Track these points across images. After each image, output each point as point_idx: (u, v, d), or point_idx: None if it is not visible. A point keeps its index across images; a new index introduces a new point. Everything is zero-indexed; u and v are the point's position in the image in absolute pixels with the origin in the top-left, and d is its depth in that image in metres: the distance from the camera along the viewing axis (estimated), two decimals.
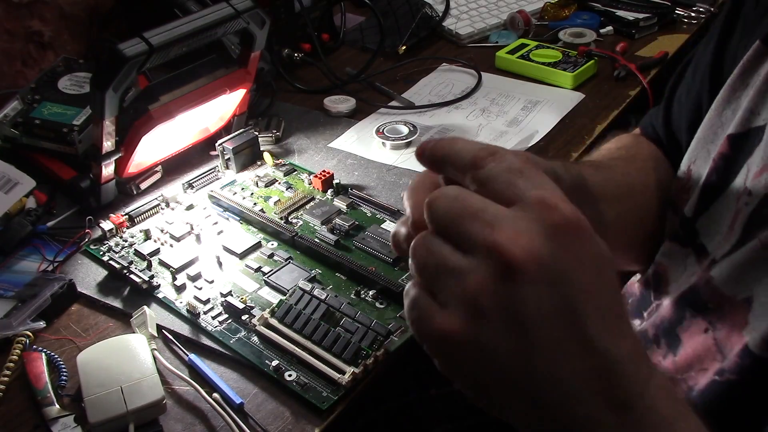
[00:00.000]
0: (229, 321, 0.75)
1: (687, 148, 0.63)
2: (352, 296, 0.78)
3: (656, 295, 0.62)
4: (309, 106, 1.16)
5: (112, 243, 0.87)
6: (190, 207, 0.93)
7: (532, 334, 0.35)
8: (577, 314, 0.35)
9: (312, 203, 0.92)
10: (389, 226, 0.88)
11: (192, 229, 0.88)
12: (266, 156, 1.00)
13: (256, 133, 1.01)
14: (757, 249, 0.49)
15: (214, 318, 0.76)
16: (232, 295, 0.78)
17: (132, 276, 0.81)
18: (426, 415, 0.94)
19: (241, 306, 0.76)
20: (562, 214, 0.35)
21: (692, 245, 0.58)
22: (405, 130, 1.05)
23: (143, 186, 0.96)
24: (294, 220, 0.90)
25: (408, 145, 1.03)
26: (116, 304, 0.79)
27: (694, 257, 0.57)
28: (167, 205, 0.92)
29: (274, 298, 0.78)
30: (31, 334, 0.74)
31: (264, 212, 0.90)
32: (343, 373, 0.68)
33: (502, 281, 0.35)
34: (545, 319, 0.35)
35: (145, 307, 0.76)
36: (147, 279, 0.80)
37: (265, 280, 0.80)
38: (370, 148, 1.04)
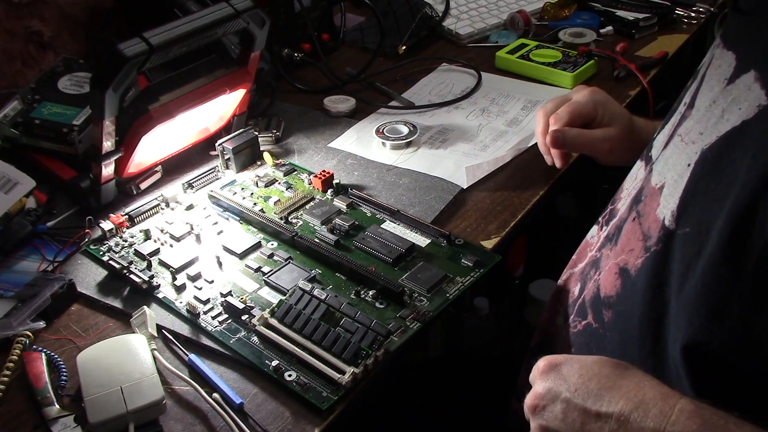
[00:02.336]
0: (229, 321, 0.75)
1: None
2: (352, 296, 0.78)
3: (612, 202, 0.75)
4: (309, 106, 1.16)
5: (112, 243, 0.87)
6: (190, 207, 0.93)
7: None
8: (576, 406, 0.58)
9: (312, 203, 0.93)
10: (389, 226, 0.88)
11: (192, 229, 0.88)
12: (266, 156, 1.00)
13: (256, 133, 1.01)
14: (677, 142, 0.62)
15: (214, 318, 0.76)
16: (232, 295, 0.78)
17: (132, 276, 0.81)
18: (424, 413, 0.94)
19: (241, 306, 0.76)
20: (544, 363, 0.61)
21: (645, 158, 0.69)
22: (405, 130, 1.05)
23: (143, 186, 0.96)
24: (294, 220, 0.90)
25: (408, 145, 1.03)
26: (116, 304, 0.79)
27: (643, 165, 0.70)
28: (167, 205, 0.93)
29: (274, 298, 0.78)
30: (31, 334, 0.74)
31: (264, 212, 0.90)
32: (343, 373, 0.68)
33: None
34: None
35: (145, 307, 0.76)
36: (147, 279, 0.80)
37: (265, 280, 0.80)
38: (370, 148, 1.04)
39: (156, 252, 0.85)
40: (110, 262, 0.83)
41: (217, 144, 0.98)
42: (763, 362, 0.53)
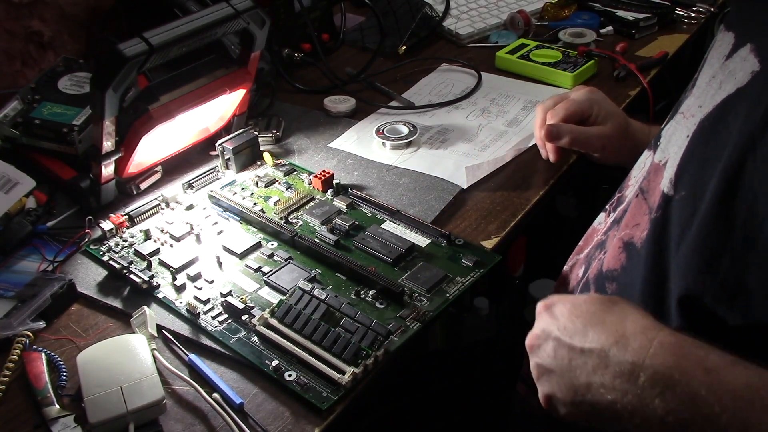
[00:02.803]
0: (229, 321, 0.75)
1: None
2: (352, 296, 0.78)
3: (619, 189, 0.78)
4: (309, 106, 1.16)
5: (112, 243, 0.87)
6: (190, 207, 0.93)
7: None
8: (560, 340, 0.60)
9: (312, 203, 0.93)
10: (389, 226, 0.88)
11: (192, 229, 0.88)
12: (266, 156, 1.00)
13: (256, 133, 1.01)
14: (678, 119, 0.65)
15: (214, 318, 0.76)
16: (232, 295, 0.78)
17: (132, 276, 0.81)
18: (424, 412, 0.94)
19: (241, 306, 0.76)
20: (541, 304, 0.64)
21: (653, 146, 0.71)
22: (405, 130, 1.05)
23: (143, 186, 0.96)
24: (294, 220, 0.90)
25: (408, 145, 1.03)
26: (116, 304, 0.79)
27: (651, 152, 0.71)
28: (167, 205, 0.93)
29: (274, 298, 0.78)
30: (31, 334, 0.74)
31: (264, 212, 0.90)
32: (343, 373, 0.68)
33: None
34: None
35: (145, 307, 0.76)
36: (147, 279, 0.80)
37: (265, 280, 0.80)
38: (370, 148, 1.04)
39: (156, 252, 0.85)
40: (110, 262, 0.83)
41: (217, 144, 0.98)
42: (751, 313, 0.55)
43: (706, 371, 0.52)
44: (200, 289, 0.80)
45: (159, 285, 0.80)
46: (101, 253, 0.85)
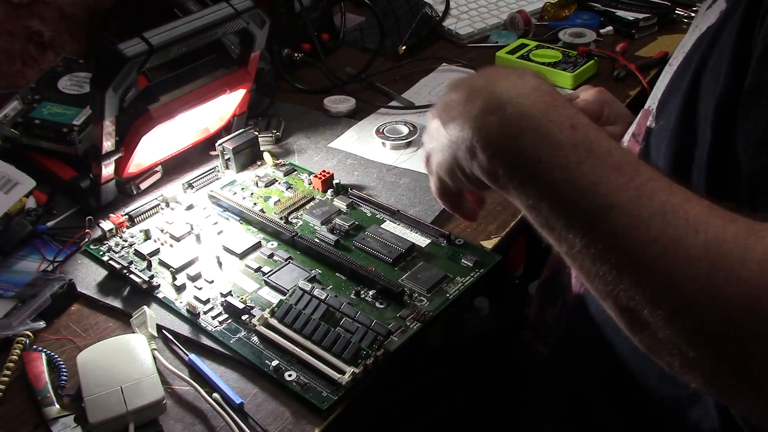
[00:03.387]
0: (229, 321, 0.75)
1: None
2: (352, 296, 0.78)
3: None
4: (309, 106, 1.16)
5: (112, 243, 0.87)
6: (190, 207, 0.93)
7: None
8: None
9: (312, 203, 0.93)
10: (389, 226, 0.88)
11: (192, 229, 0.88)
12: (266, 156, 1.00)
13: (256, 133, 1.01)
14: (666, 69, 0.67)
15: (214, 318, 0.76)
16: (232, 295, 0.78)
17: (132, 276, 0.81)
18: (418, 404, 0.94)
19: (241, 306, 0.76)
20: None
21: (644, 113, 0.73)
22: (405, 130, 1.05)
23: (143, 186, 0.96)
24: (294, 220, 0.90)
25: (408, 145, 1.03)
26: (116, 304, 0.79)
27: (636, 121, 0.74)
28: (167, 205, 0.93)
29: (274, 298, 0.78)
30: (31, 334, 0.74)
31: (264, 212, 0.90)
32: (343, 373, 0.68)
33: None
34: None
35: (145, 307, 0.76)
36: (147, 279, 0.80)
37: (265, 280, 0.80)
38: (370, 148, 1.04)
39: (156, 252, 0.85)
40: (110, 262, 0.83)
41: (217, 144, 0.98)
42: None
43: (572, 126, 0.50)
44: (200, 289, 0.80)
45: (159, 285, 0.80)
46: (101, 253, 0.85)
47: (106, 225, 0.87)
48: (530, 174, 0.49)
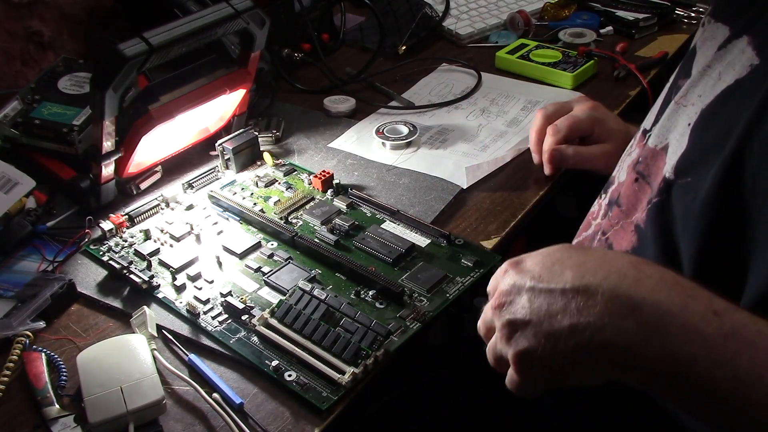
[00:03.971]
0: (229, 321, 0.75)
1: None
2: (352, 296, 0.78)
3: (608, 180, 0.78)
4: (309, 106, 1.16)
5: (111, 243, 0.87)
6: (190, 207, 0.93)
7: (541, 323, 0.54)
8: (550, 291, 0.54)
9: (312, 203, 0.93)
10: (389, 226, 0.88)
11: (192, 229, 0.88)
12: (266, 156, 1.00)
13: (256, 133, 1.01)
14: (673, 108, 0.65)
15: (214, 318, 0.76)
16: (232, 295, 0.78)
17: (132, 276, 0.81)
18: (418, 404, 0.94)
19: (241, 306, 0.76)
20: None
21: (640, 132, 0.73)
22: (405, 130, 1.05)
23: (143, 186, 0.96)
24: (294, 220, 0.90)
25: (408, 145, 1.03)
26: (116, 304, 0.79)
27: (638, 136, 0.73)
28: (167, 205, 0.93)
29: (274, 298, 0.78)
30: (31, 334, 0.74)
31: (264, 212, 0.90)
32: (342, 373, 0.68)
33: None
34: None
35: (145, 307, 0.76)
36: (147, 279, 0.80)
37: (264, 280, 0.80)
38: (370, 148, 1.04)
39: (156, 252, 0.85)
40: (110, 262, 0.83)
41: (217, 144, 0.98)
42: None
43: (714, 313, 0.48)
44: (200, 289, 0.80)
45: (159, 285, 0.80)
46: (101, 253, 0.85)
47: (106, 225, 0.87)
48: (685, 374, 0.48)
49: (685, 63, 0.70)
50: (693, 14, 1.37)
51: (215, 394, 0.68)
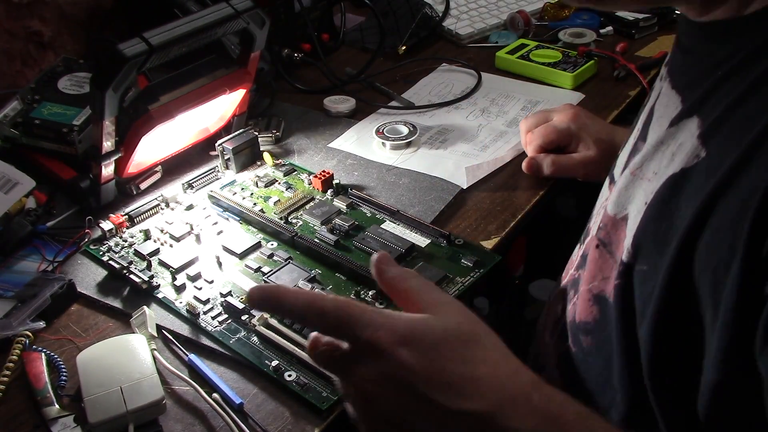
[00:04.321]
0: (229, 321, 0.75)
1: None
2: (352, 296, 0.78)
3: (589, 218, 0.74)
4: (309, 106, 1.16)
5: (111, 243, 0.87)
6: (189, 207, 0.93)
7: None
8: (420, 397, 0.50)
9: (312, 203, 0.93)
10: (389, 226, 0.88)
11: (192, 229, 0.88)
12: (266, 156, 1.00)
13: (256, 133, 1.01)
14: (629, 176, 0.62)
15: (213, 318, 0.76)
16: (232, 295, 0.78)
17: (132, 276, 0.81)
18: None
19: (241, 306, 0.76)
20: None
21: (610, 176, 0.71)
22: (405, 130, 1.05)
23: (143, 186, 0.96)
24: (294, 221, 0.90)
25: (408, 145, 1.03)
26: (116, 304, 0.79)
27: (607, 184, 0.71)
28: (167, 205, 0.93)
29: None
30: (30, 334, 0.74)
31: (264, 212, 0.90)
32: None
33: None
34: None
35: (144, 307, 0.76)
36: (147, 279, 0.80)
37: (264, 281, 0.80)
38: (369, 149, 1.04)
39: (156, 252, 0.85)
40: (110, 262, 0.83)
41: (217, 144, 0.98)
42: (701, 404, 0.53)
43: None
44: (200, 289, 0.80)
45: (159, 285, 0.80)
46: (101, 253, 0.85)
47: (106, 225, 0.87)
48: None
49: (644, 124, 0.65)
50: None
51: (215, 394, 0.68)
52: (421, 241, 0.85)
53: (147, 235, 0.88)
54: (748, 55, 0.52)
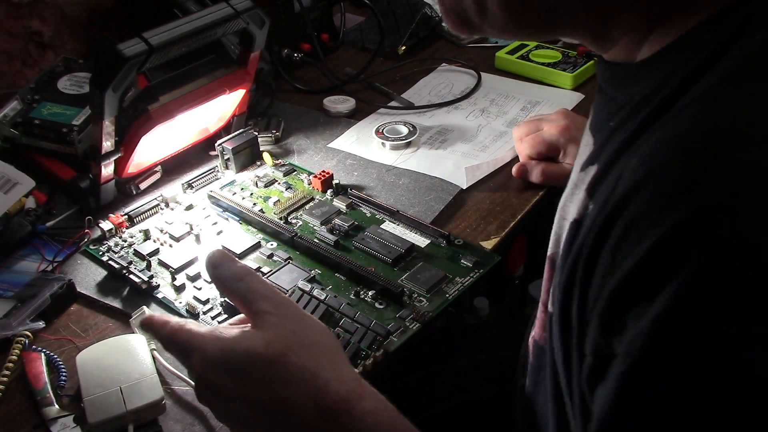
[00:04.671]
0: None
1: None
2: (352, 297, 0.78)
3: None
4: (309, 106, 1.16)
5: (111, 243, 0.87)
6: (189, 207, 0.93)
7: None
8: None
9: (311, 203, 0.93)
10: (389, 226, 0.88)
11: (191, 229, 0.88)
12: (266, 156, 1.00)
13: (256, 133, 1.01)
14: (559, 219, 0.61)
15: (213, 318, 0.76)
16: None
17: (131, 276, 0.81)
18: (418, 403, 0.94)
19: None
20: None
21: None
22: (404, 130, 1.05)
23: (143, 186, 0.96)
24: (293, 221, 0.90)
25: (408, 145, 1.03)
26: (116, 304, 0.79)
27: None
28: (167, 205, 0.93)
29: None
30: (30, 334, 0.74)
31: (263, 212, 0.90)
32: None
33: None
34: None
35: (144, 307, 0.75)
36: (146, 279, 0.80)
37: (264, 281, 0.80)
38: (369, 149, 1.04)
39: (155, 252, 0.85)
40: (110, 262, 0.83)
41: (216, 144, 0.98)
42: None
43: None
44: (200, 289, 0.80)
45: (158, 285, 0.80)
46: (101, 253, 0.85)
47: (106, 225, 0.87)
48: None
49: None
50: None
51: None
52: (421, 241, 0.85)
53: (147, 235, 0.88)
54: (638, 103, 0.49)
